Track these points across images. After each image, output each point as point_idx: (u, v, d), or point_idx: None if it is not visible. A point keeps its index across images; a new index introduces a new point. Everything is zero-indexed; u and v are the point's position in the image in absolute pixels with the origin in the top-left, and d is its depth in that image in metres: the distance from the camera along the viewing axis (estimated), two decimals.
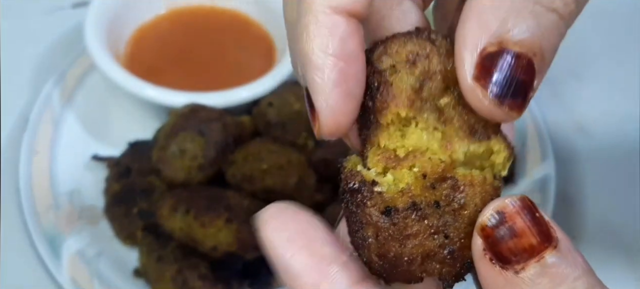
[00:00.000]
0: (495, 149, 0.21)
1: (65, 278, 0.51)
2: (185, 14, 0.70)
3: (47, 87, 0.63)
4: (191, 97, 0.57)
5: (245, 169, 0.52)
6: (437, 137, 0.20)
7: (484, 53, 0.19)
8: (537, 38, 0.20)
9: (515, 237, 0.19)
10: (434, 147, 0.20)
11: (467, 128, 0.20)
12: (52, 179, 0.57)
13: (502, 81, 0.19)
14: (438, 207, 0.20)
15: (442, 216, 0.20)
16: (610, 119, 0.70)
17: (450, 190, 0.20)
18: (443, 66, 0.20)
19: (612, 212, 0.62)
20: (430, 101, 0.20)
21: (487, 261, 0.19)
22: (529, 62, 0.20)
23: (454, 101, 0.20)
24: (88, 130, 0.62)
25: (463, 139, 0.20)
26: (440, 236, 0.20)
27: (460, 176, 0.20)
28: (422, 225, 0.20)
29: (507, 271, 0.19)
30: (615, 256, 0.59)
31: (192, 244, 0.49)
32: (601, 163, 0.65)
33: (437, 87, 0.20)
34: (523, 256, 0.19)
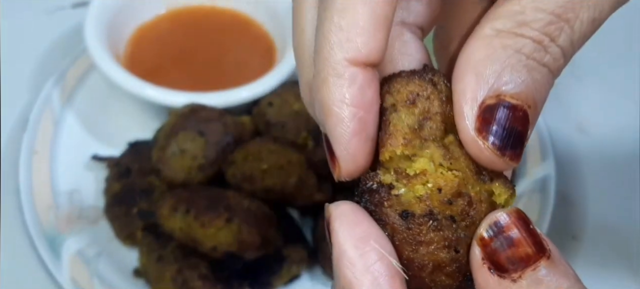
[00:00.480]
0: (496, 192, 0.21)
1: (65, 277, 0.51)
2: (186, 14, 0.69)
3: (47, 87, 0.63)
4: (191, 97, 0.57)
5: (245, 169, 0.52)
6: (445, 169, 0.21)
7: (483, 106, 0.21)
8: (531, 91, 0.21)
9: (512, 247, 0.20)
10: (446, 172, 0.21)
11: (473, 168, 0.21)
12: (52, 179, 0.57)
13: (501, 133, 0.21)
14: (454, 222, 0.21)
15: (456, 231, 0.21)
16: (610, 120, 0.70)
17: (466, 206, 0.21)
18: (442, 108, 0.22)
19: (612, 212, 0.62)
20: (433, 140, 0.21)
21: (485, 270, 0.20)
22: (525, 113, 0.21)
23: (457, 142, 0.21)
24: (88, 130, 0.62)
25: (470, 177, 0.21)
26: (451, 250, 0.21)
27: (474, 193, 0.21)
28: (436, 235, 0.20)
29: (504, 279, 0.20)
30: (614, 256, 0.59)
31: (192, 244, 0.49)
32: (601, 163, 0.65)
33: (438, 128, 0.21)
34: (519, 265, 0.20)
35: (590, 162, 0.65)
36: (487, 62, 0.21)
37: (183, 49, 0.67)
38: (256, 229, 0.48)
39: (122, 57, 0.65)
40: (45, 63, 0.69)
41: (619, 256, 0.59)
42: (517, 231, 0.20)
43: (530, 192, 0.58)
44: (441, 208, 0.21)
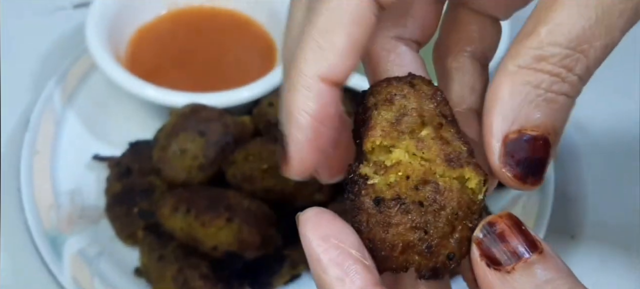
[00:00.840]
0: (466, 176, 0.24)
1: (66, 277, 0.51)
2: (186, 14, 0.70)
3: (49, 87, 0.63)
4: (192, 98, 0.57)
5: (246, 169, 0.52)
6: (417, 159, 0.24)
7: (506, 140, 0.23)
8: (550, 120, 0.24)
9: (505, 243, 0.23)
10: (415, 162, 0.24)
11: (444, 156, 0.24)
12: (53, 178, 0.57)
13: (523, 162, 0.23)
14: (421, 206, 0.23)
15: (424, 215, 0.23)
16: (609, 119, 0.70)
17: (432, 193, 0.23)
18: (419, 105, 0.25)
19: (611, 211, 0.62)
20: (409, 132, 0.24)
21: (483, 265, 0.23)
22: (545, 141, 0.24)
23: (433, 134, 0.24)
24: (89, 130, 0.62)
25: (439, 165, 0.24)
26: (420, 231, 0.23)
27: (441, 181, 0.24)
28: (404, 218, 0.23)
29: (499, 271, 0.22)
30: (613, 254, 0.59)
31: (193, 244, 0.49)
32: (600, 163, 0.66)
33: (414, 122, 0.24)
34: (513, 258, 0.22)
35: (589, 161, 0.66)
36: (510, 99, 0.23)
37: (184, 50, 0.67)
38: (256, 229, 0.48)
39: (123, 58, 0.65)
40: (46, 63, 0.69)
41: (617, 255, 0.59)
42: (509, 230, 0.23)
43: (529, 192, 0.58)
44: (409, 194, 0.23)
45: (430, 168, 0.24)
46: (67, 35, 0.72)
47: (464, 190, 0.24)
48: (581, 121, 0.69)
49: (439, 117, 0.25)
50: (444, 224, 0.23)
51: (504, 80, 0.24)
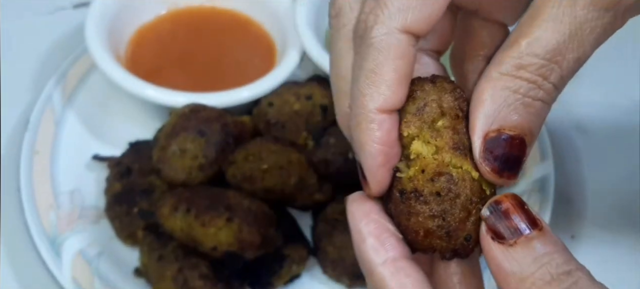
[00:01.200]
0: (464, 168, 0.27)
1: (66, 277, 0.51)
2: (186, 14, 0.70)
3: (48, 87, 0.63)
4: (192, 98, 0.57)
5: (246, 169, 0.52)
6: (431, 148, 0.27)
7: (486, 138, 0.27)
8: (526, 122, 0.27)
9: (508, 220, 0.26)
10: (429, 155, 0.27)
11: (453, 144, 0.27)
12: (52, 179, 0.57)
13: (500, 158, 0.27)
14: (438, 196, 0.27)
15: (441, 204, 0.27)
16: (609, 119, 0.70)
17: (447, 183, 0.27)
18: (438, 97, 0.28)
19: (611, 211, 0.62)
20: (429, 122, 0.28)
21: (488, 239, 0.26)
22: (522, 140, 0.27)
23: (447, 124, 0.27)
24: (89, 130, 0.62)
25: (448, 152, 0.27)
26: (438, 219, 0.27)
27: (454, 171, 0.27)
28: (423, 208, 0.27)
29: (503, 244, 0.26)
30: (614, 255, 0.59)
31: (193, 244, 0.49)
32: (600, 163, 0.66)
33: (434, 112, 0.28)
34: (515, 234, 0.26)
35: (589, 161, 0.66)
36: (491, 101, 0.27)
37: (183, 50, 0.67)
38: (256, 229, 0.48)
39: (123, 58, 0.65)
40: (46, 63, 0.69)
41: (617, 255, 0.59)
42: (512, 208, 0.26)
43: (530, 192, 0.58)
44: (426, 186, 0.27)
45: (443, 159, 0.27)
46: (67, 35, 0.72)
47: (473, 179, 0.27)
48: (581, 121, 0.69)
49: (456, 110, 0.28)
50: (460, 210, 0.27)
51: (487, 85, 0.27)
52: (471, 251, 0.28)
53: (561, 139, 0.65)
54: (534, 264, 0.25)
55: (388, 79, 0.27)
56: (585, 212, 0.62)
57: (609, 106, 0.71)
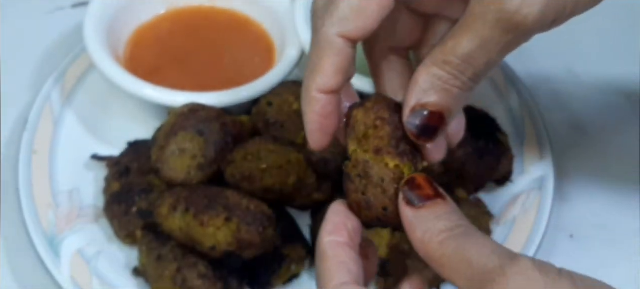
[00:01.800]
0: (386, 161, 0.37)
1: (64, 277, 0.51)
2: (185, 14, 0.70)
3: (47, 87, 0.63)
4: (191, 97, 0.57)
5: (245, 168, 0.52)
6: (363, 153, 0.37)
7: (413, 109, 0.36)
8: (445, 102, 0.36)
9: (418, 190, 0.35)
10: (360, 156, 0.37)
11: (374, 147, 0.37)
12: (51, 178, 0.57)
13: (420, 127, 0.36)
14: (359, 177, 0.37)
15: (361, 182, 0.37)
16: (608, 119, 0.70)
17: (363, 168, 0.37)
18: (363, 119, 0.38)
19: (610, 211, 0.62)
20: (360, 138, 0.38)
21: (404, 204, 0.35)
22: (441, 115, 0.36)
23: (371, 133, 0.37)
24: (88, 129, 0.62)
25: (370, 152, 0.37)
26: (359, 193, 0.37)
27: (370, 161, 0.37)
28: (351, 186, 0.37)
29: (413, 208, 0.35)
30: (612, 254, 0.59)
31: (191, 243, 0.49)
32: (599, 162, 0.66)
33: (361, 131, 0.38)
34: (423, 200, 0.35)
35: (589, 161, 0.66)
36: (422, 83, 0.36)
37: (182, 49, 0.67)
38: (255, 229, 0.48)
39: (121, 57, 0.65)
40: (45, 63, 0.69)
41: (616, 254, 0.59)
42: (423, 183, 0.36)
43: (529, 191, 0.59)
44: (352, 171, 0.37)
45: (365, 156, 0.37)
46: (65, 35, 0.72)
47: (384, 166, 0.36)
48: (580, 121, 0.70)
49: (375, 122, 0.37)
50: (374, 187, 0.36)
51: (421, 70, 0.36)
52: (391, 220, 0.36)
53: (560, 138, 0.65)
54: (435, 220, 0.34)
55: (326, 69, 0.37)
56: (584, 211, 0.62)
57: (608, 105, 0.71)
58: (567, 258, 0.58)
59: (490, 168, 0.57)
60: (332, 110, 0.38)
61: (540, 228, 0.55)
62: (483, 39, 0.34)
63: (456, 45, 0.35)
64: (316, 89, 0.37)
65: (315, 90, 0.37)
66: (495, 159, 0.57)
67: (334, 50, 0.37)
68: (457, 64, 0.35)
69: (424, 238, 0.34)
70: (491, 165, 0.57)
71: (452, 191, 0.56)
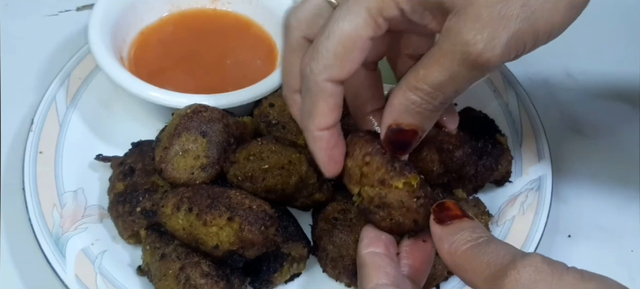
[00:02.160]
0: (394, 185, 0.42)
1: (69, 276, 0.51)
2: (188, 17, 0.70)
3: (52, 88, 0.64)
4: (194, 99, 0.58)
5: (247, 168, 0.53)
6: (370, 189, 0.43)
7: (390, 128, 0.42)
8: (418, 122, 0.41)
9: (447, 211, 0.41)
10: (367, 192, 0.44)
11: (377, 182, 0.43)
12: (56, 178, 0.58)
13: (397, 142, 0.42)
14: (381, 208, 0.43)
15: (384, 211, 0.43)
16: (605, 120, 0.70)
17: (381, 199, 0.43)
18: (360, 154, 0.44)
19: (607, 211, 0.62)
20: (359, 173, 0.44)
21: (434, 222, 0.40)
22: (414, 131, 0.42)
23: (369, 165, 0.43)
24: (92, 130, 0.62)
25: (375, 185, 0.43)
26: (387, 220, 0.43)
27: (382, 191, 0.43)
28: (376, 217, 0.44)
29: (442, 224, 0.40)
30: (609, 254, 0.60)
31: (194, 242, 0.50)
32: (596, 163, 0.66)
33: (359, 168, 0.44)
34: (450, 219, 0.40)
35: (586, 162, 0.66)
36: (397, 105, 0.41)
37: (186, 52, 0.68)
38: (257, 228, 0.49)
39: (126, 60, 0.65)
40: (50, 64, 0.70)
41: (613, 254, 0.60)
42: (451, 206, 0.41)
43: (527, 191, 0.59)
44: (369, 205, 0.43)
45: (376, 192, 0.43)
46: (71, 37, 0.72)
47: (396, 190, 0.42)
48: (578, 123, 0.70)
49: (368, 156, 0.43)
50: (398, 209, 0.43)
51: (397, 93, 0.41)
52: (422, 227, 0.43)
53: (558, 139, 0.65)
54: (460, 233, 0.39)
55: (322, 110, 0.42)
56: (581, 212, 0.62)
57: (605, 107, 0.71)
58: (565, 257, 0.58)
59: (489, 169, 0.57)
60: (336, 140, 0.43)
61: (539, 228, 0.56)
62: (451, 73, 0.38)
63: (427, 74, 0.39)
64: (317, 129, 0.42)
65: (317, 130, 0.42)
66: (494, 160, 0.57)
67: (326, 94, 0.41)
68: (428, 92, 0.39)
69: (450, 248, 0.39)
70: (490, 166, 0.57)
71: (452, 191, 0.57)
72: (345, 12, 0.40)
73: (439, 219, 0.41)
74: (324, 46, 0.40)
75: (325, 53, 0.40)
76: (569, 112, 0.70)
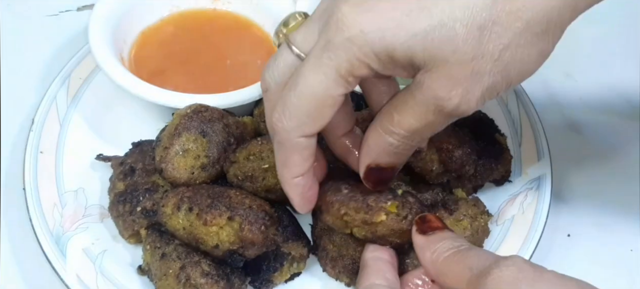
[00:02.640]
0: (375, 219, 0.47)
1: (70, 275, 0.51)
2: (188, 17, 0.70)
3: (53, 88, 0.64)
4: (194, 99, 0.58)
5: (247, 168, 0.53)
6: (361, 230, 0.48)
7: (368, 167, 0.44)
8: (393, 160, 0.43)
9: (428, 223, 0.45)
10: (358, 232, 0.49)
11: (361, 223, 0.47)
12: (57, 178, 0.58)
13: (375, 180, 0.45)
14: (375, 238, 0.48)
15: (380, 241, 0.48)
16: (604, 120, 0.70)
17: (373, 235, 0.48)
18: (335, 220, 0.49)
19: (606, 211, 0.62)
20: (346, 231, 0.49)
21: (415, 232, 0.45)
22: (392, 169, 0.44)
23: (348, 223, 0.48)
24: (93, 130, 0.63)
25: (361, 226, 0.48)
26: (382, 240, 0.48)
27: (369, 229, 0.48)
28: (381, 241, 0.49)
29: (424, 235, 0.44)
30: (608, 254, 0.60)
31: (195, 242, 0.50)
32: (595, 163, 0.66)
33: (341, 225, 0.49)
34: (432, 229, 0.44)
35: (585, 161, 0.66)
36: (374, 146, 0.43)
37: (186, 52, 0.68)
38: (258, 227, 0.49)
39: (126, 60, 0.65)
40: (51, 64, 0.70)
41: (613, 254, 0.60)
42: (433, 220, 0.45)
43: (527, 191, 0.59)
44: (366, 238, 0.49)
45: (365, 232, 0.48)
46: (71, 37, 0.73)
47: (381, 224, 0.47)
48: (577, 122, 0.70)
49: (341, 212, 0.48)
50: (390, 237, 0.48)
51: (372, 133, 0.42)
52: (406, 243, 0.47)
53: (557, 139, 0.66)
54: (441, 242, 0.42)
55: (296, 162, 0.43)
56: (580, 211, 0.62)
57: (604, 107, 0.71)
58: (564, 256, 0.59)
59: (489, 168, 0.57)
60: (311, 184, 0.46)
61: (538, 227, 0.56)
62: (427, 121, 0.39)
63: (402, 120, 0.40)
64: (292, 177, 0.44)
65: (291, 178, 0.45)
66: (493, 159, 0.57)
67: (299, 148, 0.42)
68: (405, 135, 0.41)
69: (433, 256, 0.42)
70: (490, 165, 0.57)
71: (451, 190, 0.57)
72: (314, 68, 0.39)
73: (422, 230, 0.44)
74: (295, 105, 0.40)
75: (296, 112, 0.40)
76: (568, 112, 0.70)
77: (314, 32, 0.41)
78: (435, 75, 0.37)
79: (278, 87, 0.43)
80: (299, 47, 0.42)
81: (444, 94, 0.38)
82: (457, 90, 0.37)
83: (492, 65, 0.37)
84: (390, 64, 0.38)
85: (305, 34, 0.42)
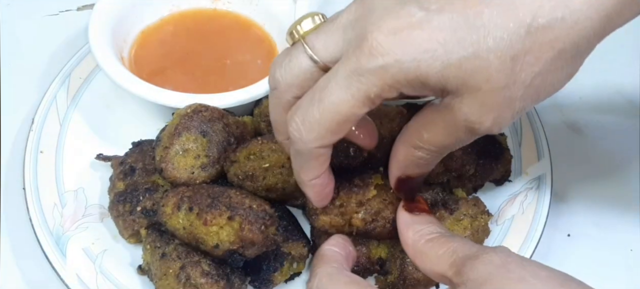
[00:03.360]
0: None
1: (70, 275, 0.52)
2: (188, 17, 0.70)
3: (53, 87, 0.64)
4: (194, 98, 0.58)
5: (247, 167, 0.53)
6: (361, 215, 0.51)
7: (399, 179, 0.47)
8: (421, 171, 0.46)
9: (417, 203, 0.48)
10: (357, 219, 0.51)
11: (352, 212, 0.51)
12: (57, 178, 0.58)
13: (406, 190, 0.48)
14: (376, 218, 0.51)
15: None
16: (604, 119, 0.70)
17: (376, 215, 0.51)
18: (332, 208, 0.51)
19: (607, 210, 0.62)
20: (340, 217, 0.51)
21: (402, 210, 0.47)
22: (419, 180, 0.46)
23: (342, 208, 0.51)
24: (93, 130, 0.63)
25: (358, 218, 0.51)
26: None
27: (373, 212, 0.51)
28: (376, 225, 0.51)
29: (411, 213, 0.47)
30: (608, 254, 0.60)
31: (195, 242, 0.50)
32: (595, 162, 0.66)
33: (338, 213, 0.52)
34: (419, 211, 0.47)
35: (585, 161, 0.66)
36: (403, 160, 0.45)
37: (186, 52, 0.68)
38: (258, 227, 0.49)
39: (126, 59, 0.65)
40: (50, 64, 0.70)
41: (612, 253, 0.60)
42: (421, 200, 0.48)
43: (527, 191, 0.59)
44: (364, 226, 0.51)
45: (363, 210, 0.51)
46: (71, 37, 0.73)
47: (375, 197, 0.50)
48: (577, 122, 0.70)
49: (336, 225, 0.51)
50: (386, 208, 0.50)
51: (401, 149, 0.45)
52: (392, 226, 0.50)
53: (557, 139, 0.66)
54: (425, 225, 0.44)
55: (313, 167, 0.45)
56: (580, 211, 0.62)
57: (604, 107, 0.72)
58: (564, 256, 0.59)
59: (489, 168, 0.57)
60: (327, 182, 0.47)
61: (538, 227, 0.56)
62: (458, 139, 0.41)
63: (432, 138, 0.42)
64: (309, 180, 0.46)
65: (309, 180, 0.46)
66: (493, 159, 0.57)
67: (316, 155, 0.43)
68: (432, 151, 0.43)
69: (415, 236, 0.44)
70: (490, 165, 0.57)
71: (451, 190, 0.57)
72: (342, 89, 0.39)
73: (409, 208, 0.47)
74: (316, 119, 0.40)
75: (317, 126, 0.40)
76: (568, 111, 0.71)
77: (337, 42, 0.40)
78: (467, 100, 0.38)
79: (287, 88, 0.43)
80: (318, 54, 0.41)
81: (476, 119, 0.39)
82: (489, 116, 0.38)
83: (524, 91, 0.38)
84: (420, 89, 0.39)
85: (326, 41, 0.41)
